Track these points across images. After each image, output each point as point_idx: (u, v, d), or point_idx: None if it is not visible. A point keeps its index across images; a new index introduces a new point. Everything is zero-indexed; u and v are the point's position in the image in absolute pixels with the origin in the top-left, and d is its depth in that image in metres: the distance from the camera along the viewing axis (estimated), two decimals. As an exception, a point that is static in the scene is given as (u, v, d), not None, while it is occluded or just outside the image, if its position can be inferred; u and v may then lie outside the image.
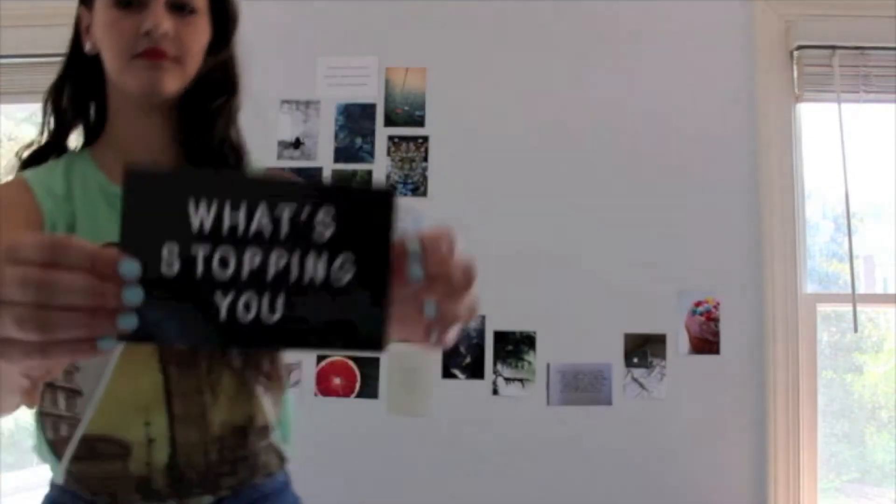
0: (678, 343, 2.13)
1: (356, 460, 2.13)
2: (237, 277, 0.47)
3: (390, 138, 2.23)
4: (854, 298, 2.12)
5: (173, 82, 0.92)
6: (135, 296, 0.46)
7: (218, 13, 0.98)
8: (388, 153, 2.23)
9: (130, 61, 0.90)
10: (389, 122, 2.24)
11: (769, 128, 2.21)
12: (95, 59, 0.95)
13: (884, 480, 2.21)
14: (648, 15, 2.24)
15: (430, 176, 2.21)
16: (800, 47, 2.22)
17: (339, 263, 0.49)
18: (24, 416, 1.35)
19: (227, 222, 0.47)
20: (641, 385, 2.12)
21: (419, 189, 2.20)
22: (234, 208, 0.47)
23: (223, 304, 0.47)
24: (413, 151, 2.23)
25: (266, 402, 0.95)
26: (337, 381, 2.15)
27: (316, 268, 0.49)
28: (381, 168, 2.21)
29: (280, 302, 0.48)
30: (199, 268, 0.47)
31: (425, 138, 2.23)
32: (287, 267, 0.48)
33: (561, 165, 2.19)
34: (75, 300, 0.44)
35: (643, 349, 2.13)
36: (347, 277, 0.49)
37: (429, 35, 2.27)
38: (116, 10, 0.91)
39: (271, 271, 0.48)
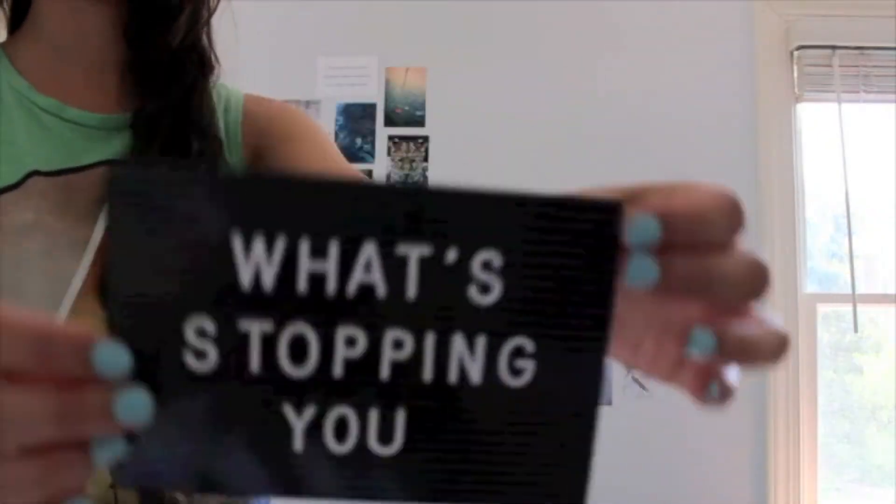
0: (678, 343, 2.13)
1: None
2: (322, 376, 0.28)
3: (390, 138, 2.23)
4: (854, 298, 2.12)
5: None
6: (131, 407, 0.26)
7: None
8: (389, 153, 2.23)
9: None
10: (389, 122, 2.24)
11: (769, 128, 2.21)
12: None
13: (884, 480, 2.21)
14: (648, 14, 2.24)
15: (430, 176, 2.21)
16: (800, 47, 2.22)
17: (508, 351, 0.29)
18: None
19: (304, 274, 0.28)
20: (641, 385, 2.12)
21: (419, 189, 2.20)
22: (318, 247, 0.27)
23: (298, 424, 0.29)
24: (413, 151, 2.23)
25: None
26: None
27: (467, 358, 0.29)
28: (381, 168, 2.21)
29: (399, 420, 0.29)
30: (254, 359, 0.28)
31: (425, 138, 2.23)
32: (415, 357, 0.29)
33: (561, 165, 2.19)
34: (11, 439, 0.24)
35: (643, 349, 2.13)
36: (523, 379, 0.30)
37: (429, 35, 2.27)
38: None
39: (385, 365, 0.29)
